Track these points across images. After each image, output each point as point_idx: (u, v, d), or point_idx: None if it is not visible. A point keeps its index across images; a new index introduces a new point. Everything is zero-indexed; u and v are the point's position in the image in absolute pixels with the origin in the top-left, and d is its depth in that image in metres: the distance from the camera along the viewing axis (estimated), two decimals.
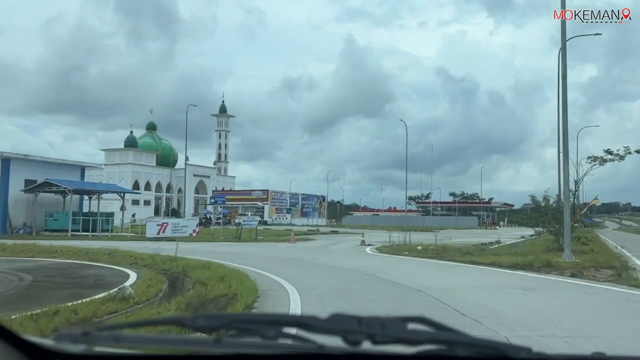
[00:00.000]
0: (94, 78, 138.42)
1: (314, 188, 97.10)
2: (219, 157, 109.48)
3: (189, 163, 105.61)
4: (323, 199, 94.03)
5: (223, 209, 77.55)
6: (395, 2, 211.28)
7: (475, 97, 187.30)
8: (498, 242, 31.03)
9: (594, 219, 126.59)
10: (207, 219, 74.91)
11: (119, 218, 41.21)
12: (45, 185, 34.00)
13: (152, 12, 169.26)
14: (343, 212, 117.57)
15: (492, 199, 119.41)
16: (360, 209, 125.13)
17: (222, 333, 1.06)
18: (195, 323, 1.05)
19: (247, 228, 30.54)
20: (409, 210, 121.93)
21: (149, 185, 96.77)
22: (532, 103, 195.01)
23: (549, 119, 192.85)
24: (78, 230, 33.27)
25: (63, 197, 36.07)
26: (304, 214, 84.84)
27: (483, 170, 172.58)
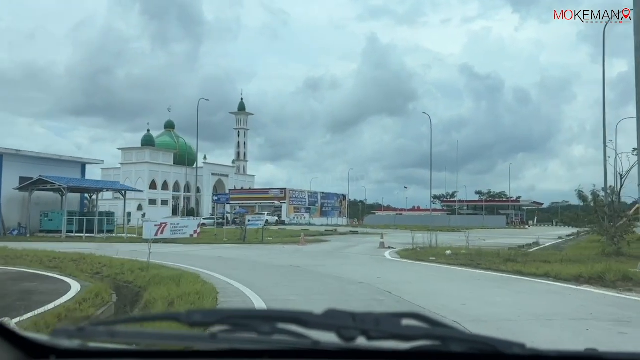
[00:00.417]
0: (121, 81, 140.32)
1: (337, 188, 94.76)
2: (238, 155, 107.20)
3: (207, 162, 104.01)
4: (344, 198, 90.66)
5: (240, 208, 74.97)
6: None
7: (500, 94, 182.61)
8: (537, 243, 27.50)
9: None
10: (223, 218, 72.50)
11: (127, 218, 38.65)
12: (40, 183, 31.58)
13: (176, 14, 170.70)
14: (365, 211, 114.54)
15: (520, 198, 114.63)
16: (383, 209, 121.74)
17: (217, 329, 1.05)
18: (191, 319, 1.05)
19: (253, 228, 27.52)
20: (434, 210, 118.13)
21: (167, 185, 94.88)
22: (558, 100, 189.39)
23: (576, 116, 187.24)
24: (75, 231, 30.76)
25: (61, 195, 33.62)
26: (324, 214, 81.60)
27: (508, 169, 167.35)
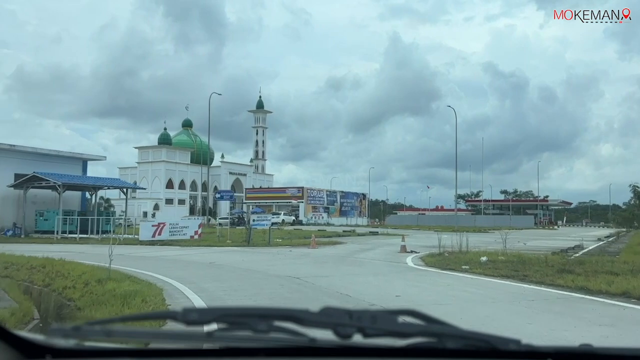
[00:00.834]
0: (145, 82, 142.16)
1: (358, 187, 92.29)
2: (257, 154, 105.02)
3: (225, 160, 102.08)
4: (364, 197, 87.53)
5: (256, 208, 72.48)
6: None
7: (525, 92, 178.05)
8: (580, 246, 24.30)
9: None
10: (239, 219, 70.03)
11: (126, 217, 36.39)
12: (35, 180, 29.42)
13: (199, 16, 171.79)
14: (386, 211, 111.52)
15: (547, 197, 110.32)
16: (405, 209, 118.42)
17: (213, 327, 1.04)
18: (187, 317, 1.04)
19: (261, 229, 24.87)
20: (459, 209, 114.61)
21: (184, 184, 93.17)
22: (585, 98, 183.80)
23: (604, 114, 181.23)
24: (73, 232, 28.52)
25: (59, 193, 31.45)
26: (343, 213, 78.64)
27: (533, 169, 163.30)
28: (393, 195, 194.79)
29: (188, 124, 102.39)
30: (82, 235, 27.36)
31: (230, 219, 67.86)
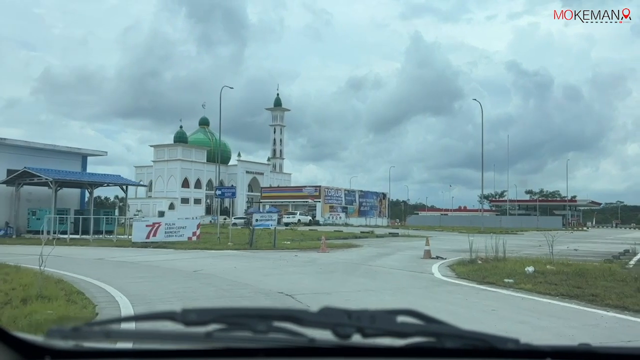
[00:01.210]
0: (168, 83, 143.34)
1: (379, 188, 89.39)
2: (274, 153, 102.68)
3: (241, 159, 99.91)
4: (383, 197, 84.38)
5: (272, 207, 70.13)
6: None
7: (549, 91, 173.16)
8: (631, 252, 21.16)
9: None
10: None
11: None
12: (27, 176, 27.33)
13: (221, 17, 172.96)
14: (407, 211, 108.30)
15: (575, 197, 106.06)
16: (427, 209, 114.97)
17: (212, 327, 1.05)
18: (186, 317, 1.05)
19: (267, 229, 22.31)
20: (481, 210, 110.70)
21: (200, 183, 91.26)
22: (611, 96, 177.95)
23: (631, 113, 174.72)
24: (66, 232, 26.32)
25: (55, 190, 29.34)
26: (362, 213, 75.63)
27: (558, 169, 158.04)
28: (414, 196, 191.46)
29: (205, 122, 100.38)
30: (74, 236, 25.14)
31: (245, 219, 65.73)
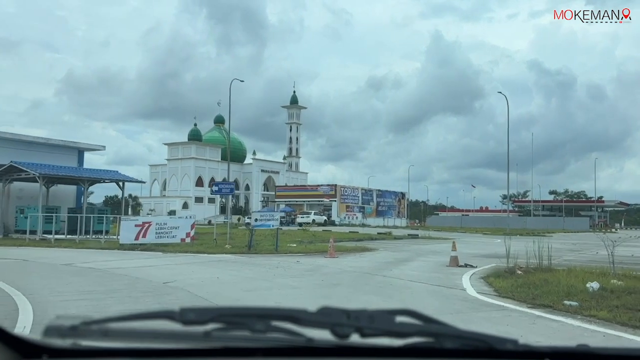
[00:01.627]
0: (188, 84, 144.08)
1: (398, 188, 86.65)
2: (290, 151, 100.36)
3: (257, 158, 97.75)
4: (402, 196, 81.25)
5: (286, 207, 67.73)
6: None
7: (572, 91, 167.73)
8: None
9: None
10: None
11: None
12: (14, 171, 25.24)
13: (241, 18, 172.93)
14: (427, 212, 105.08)
15: (602, 198, 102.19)
16: (448, 209, 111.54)
17: (211, 327, 1.04)
18: (185, 317, 1.04)
19: (269, 229, 19.78)
20: (504, 211, 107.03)
21: (214, 182, 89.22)
22: (637, 95, 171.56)
23: None
24: (56, 232, 24.19)
25: (47, 187, 27.25)
26: (380, 213, 72.64)
27: (581, 169, 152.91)
28: (433, 196, 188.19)
29: (220, 121, 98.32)
30: (59, 237, 22.95)
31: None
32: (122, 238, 19.52)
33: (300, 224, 52.99)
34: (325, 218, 60.33)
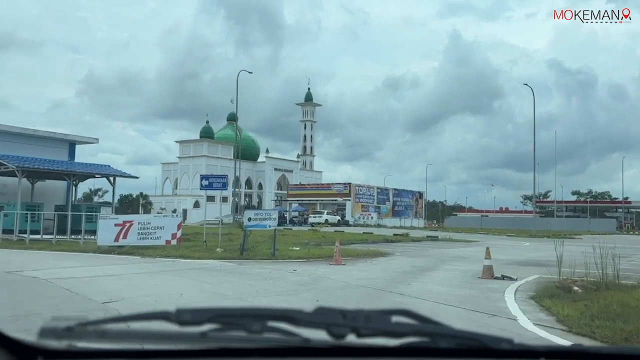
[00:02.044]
0: (206, 85, 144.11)
1: (415, 188, 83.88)
2: (304, 150, 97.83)
3: (270, 156, 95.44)
4: (420, 196, 78.14)
5: (298, 206, 65.19)
6: None
7: (593, 90, 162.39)
8: None
9: None
10: (280, 217, 62.80)
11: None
12: None
13: (258, 19, 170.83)
14: (445, 212, 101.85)
15: (627, 198, 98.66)
16: (467, 210, 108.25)
17: (207, 327, 1.04)
18: (181, 317, 1.05)
19: (266, 232, 17.19)
20: (526, 212, 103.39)
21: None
22: None
23: None
24: (38, 231, 21.93)
25: (31, 182, 25.02)
26: (396, 213, 69.61)
27: (602, 170, 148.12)
28: (451, 197, 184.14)
29: (233, 118, 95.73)
30: (34, 237, 20.63)
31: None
32: (100, 239, 17.11)
33: (313, 224, 50.39)
34: (339, 218, 57.58)
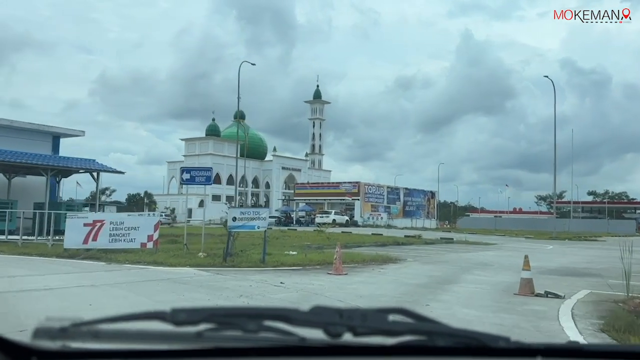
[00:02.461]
0: (218, 85, 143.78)
1: (426, 188, 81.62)
2: (313, 148, 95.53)
3: (277, 154, 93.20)
4: (432, 196, 75.42)
5: (305, 206, 62.81)
6: None
7: (607, 90, 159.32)
8: None
9: None
10: (286, 217, 60.56)
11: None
12: None
13: (270, 19, 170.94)
14: (457, 213, 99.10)
15: None
16: (479, 210, 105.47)
17: (202, 327, 1.04)
18: (176, 317, 1.04)
19: (256, 234, 14.81)
20: (541, 212, 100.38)
21: (232, 179, 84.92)
22: None
23: None
24: (12, 231, 19.81)
25: (7, 178, 22.92)
26: (407, 214, 66.96)
27: (616, 170, 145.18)
28: (462, 198, 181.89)
29: (240, 116, 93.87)
30: (12, 237, 18.50)
31: (277, 218, 58.44)
32: (67, 241, 14.86)
33: (320, 225, 48.01)
34: (347, 218, 55.15)
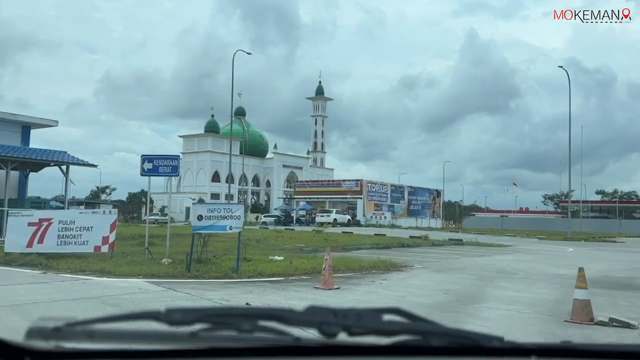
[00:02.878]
0: (222, 84, 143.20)
1: (430, 187, 79.42)
2: (315, 146, 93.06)
3: (278, 152, 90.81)
4: (437, 194, 72.82)
5: (305, 204, 60.38)
6: None
7: (612, 89, 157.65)
8: None
9: None
10: (286, 216, 58.22)
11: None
12: None
13: (274, 18, 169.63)
14: (462, 212, 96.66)
15: None
16: (485, 210, 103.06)
17: (197, 327, 1.04)
18: (170, 317, 1.05)
19: (230, 235, 12.34)
20: (549, 212, 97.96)
21: (232, 177, 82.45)
22: None
23: None
24: None
25: None
26: (412, 213, 64.38)
27: (621, 170, 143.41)
28: (466, 197, 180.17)
29: (240, 113, 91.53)
30: None
31: (277, 218, 56.06)
32: (8, 243, 12.44)
33: (320, 224, 45.61)
34: (349, 217, 52.69)
